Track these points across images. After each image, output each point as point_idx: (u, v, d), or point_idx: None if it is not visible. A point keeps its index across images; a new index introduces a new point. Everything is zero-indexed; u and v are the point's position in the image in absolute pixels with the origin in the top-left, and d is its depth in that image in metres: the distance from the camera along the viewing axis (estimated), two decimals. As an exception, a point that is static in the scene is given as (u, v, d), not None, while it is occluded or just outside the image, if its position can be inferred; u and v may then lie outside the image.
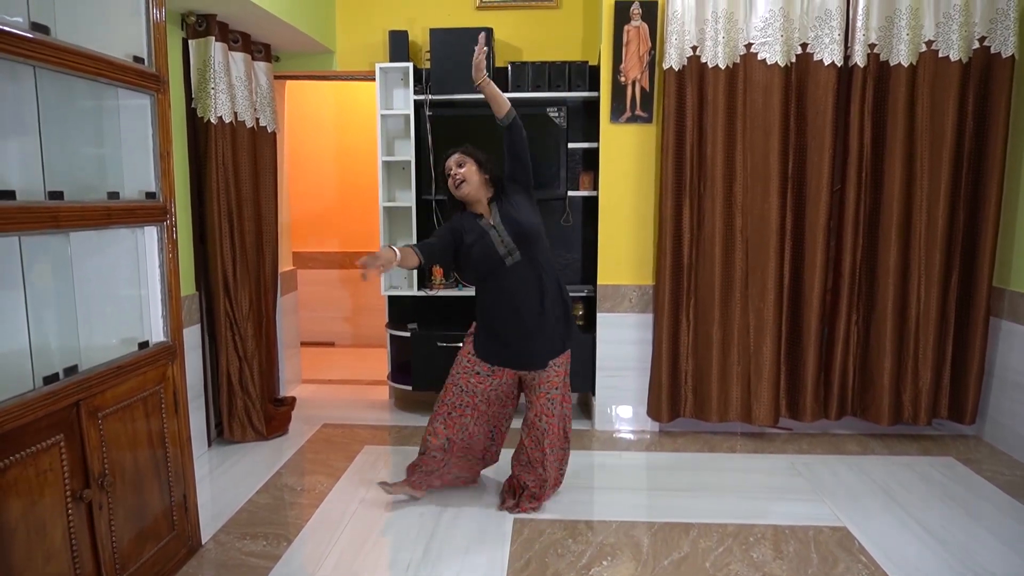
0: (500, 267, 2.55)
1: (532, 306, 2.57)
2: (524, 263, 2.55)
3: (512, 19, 4.05)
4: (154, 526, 2.23)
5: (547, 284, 2.59)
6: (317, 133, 5.67)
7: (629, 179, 3.60)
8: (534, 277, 2.57)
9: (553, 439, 2.74)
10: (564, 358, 2.70)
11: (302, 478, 3.18)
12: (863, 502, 2.89)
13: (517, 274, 2.55)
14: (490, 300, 2.63)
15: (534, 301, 2.57)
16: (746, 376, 3.54)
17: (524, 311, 2.56)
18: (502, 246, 2.54)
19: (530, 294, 2.56)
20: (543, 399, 2.70)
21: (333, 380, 4.85)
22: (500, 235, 2.55)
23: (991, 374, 3.48)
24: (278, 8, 3.29)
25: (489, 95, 2.56)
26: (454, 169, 2.60)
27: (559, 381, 2.70)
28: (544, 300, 2.58)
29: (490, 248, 2.54)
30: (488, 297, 2.64)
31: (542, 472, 2.76)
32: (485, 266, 2.57)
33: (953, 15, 3.22)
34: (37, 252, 1.94)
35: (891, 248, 3.38)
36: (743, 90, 3.37)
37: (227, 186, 3.36)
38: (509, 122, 2.58)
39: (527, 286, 2.56)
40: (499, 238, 2.54)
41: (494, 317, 2.63)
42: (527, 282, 2.56)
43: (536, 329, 2.58)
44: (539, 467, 2.76)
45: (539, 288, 2.57)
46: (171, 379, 2.33)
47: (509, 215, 2.56)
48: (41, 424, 1.74)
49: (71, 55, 1.84)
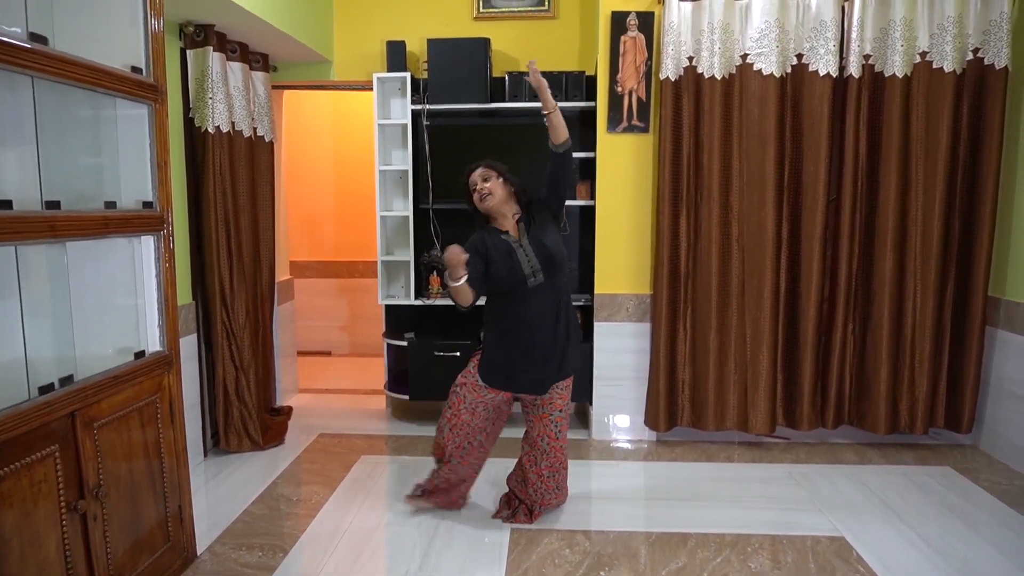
0: (522, 286, 2.51)
1: (547, 329, 2.54)
2: (545, 286, 2.52)
3: (509, 29, 4.07)
4: (149, 537, 2.22)
5: (562, 310, 2.58)
6: (315, 143, 5.68)
7: (626, 188, 3.61)
8: (552, 301, 2.54)
9: (553, 461, 2.72)
10: (568, 382, 2.69)
11: (298, 488, 3.16)
12: (861, 512, 2.89)
13: (537, 296, 2.52)
14: (505, 320, 2.58)
15: (549, 325, 2.54)
16: (743, 385, 3.54)
17: (537, 333, 2.53)
18: (528, 266, 2.50)
19: (546, 318, 2.54)
20: (545, 420, 2.68)
21: (330, 389, 4.84)
22: (527, 254, 2.52)
23: (987, 383, 3.48)
24: (276, 19, 3.31)
25: (555, 124, 2.53)
26: (479, 183, 2.56)
27: (562, 404, 2.69)
28: (558, 326, 2.56)
29: (516, 266, 2.50)
30: (503, 316, 2.59)
31: (537, 489, 2.75)
32: (508, 284, 2.52)
33: (947, 27, 3.25)
34: (34, 261, 1.94)
35: (887, 257, 3.40)
36: (739, 100, 3.39)
37: (224, 195, 3.36)
38: (563, 150, 2.56)
39: (544, 309, 2.53)
40: (526, 257, 2.51)
41: (506, 337, 2.58)
42: (544, 305, 2.53)
43: (547, 353, 2.55)
44: (533, 486, 2.75)
45: (555, 313, 2.55)
46: (167, 389, 2.32)
47: (537, 237, 2.54)
48: (36, 435, 1.73)
49: (69, 65, 1.84)
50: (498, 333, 2.61)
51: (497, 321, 2.62)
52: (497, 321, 2.62)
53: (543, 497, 2.77)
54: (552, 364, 2.57)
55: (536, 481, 2.74)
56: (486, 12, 4.06)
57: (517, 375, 2.58)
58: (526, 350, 2.54)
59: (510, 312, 2.56)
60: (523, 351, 2.55)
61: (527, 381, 2.59)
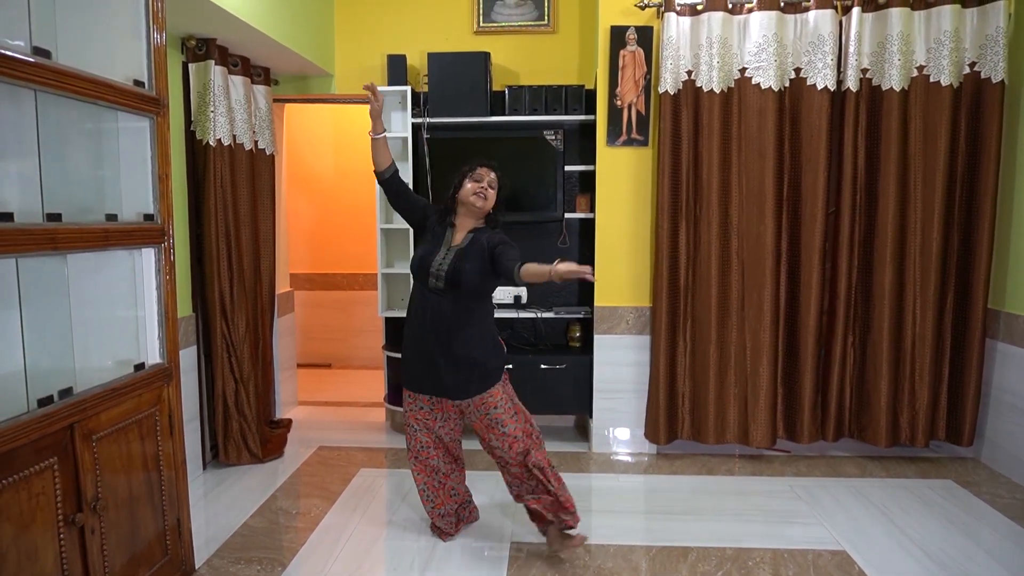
0: (425, 282, 2.53)
1: (439, 334, 2.49)
2: (446, 294, 2.49)
3: (509, 44, 4.10)
4: (147, 550, 2.21)
5: (456, 327, 2.48)
6: (315, 156, 5.70)
7: (626, 201, 3.62)
8: (450, 312, 2.48)
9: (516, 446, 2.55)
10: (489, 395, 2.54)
11: (297, 501, 3.15)
12: (862, 525, 2.88)
13: (436, 299, 2.50)
14: (412, 305, 2.61)
15: (441, 331, 2.49)
16: (743, 398, 3.53)
17: (429, 332, 2.50)
18: (436, 267, 2.50)
19: (439, 324, 2.49)
20: (484, 421, 2.56)
21: (329, 402, 4.83)
22: (443, 260, 2.50)
23: (988, 396, 3.47)
24: (278, 32, 3.33)
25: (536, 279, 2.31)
26: (485, 183, 2.54)
27: (495, 401, 2.54)
28: (451, 337, 2.48)
29: (428, 258, 2.52)
30: (412, 301, 2.62)
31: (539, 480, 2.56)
32: (417, 267, 2.55)
33: (944, 41, 3.27)
34: (34, 273, 1.95)
35: (886, 270, 3.40)
36: (738, 114, 3.41)
37: (225, 208, 3.37)
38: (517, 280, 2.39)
39: (438, 314, 2.49)
40: (440, 260, 2.51)
41: (409, 324, 2.62)
42: (440, 311, 2.49)
43: (439, 356, 2.49)
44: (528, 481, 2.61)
45: (447, 325, 2.48)
46: (167, 401, 2.31)
47: (464, 257, 2.48)
48: (35, 447, 1.72)
49: (72, 79, 1.86)
50: (408, 323, 2.64)
51: (409, 311, 2.64)
52: (409, 311, 2.64)
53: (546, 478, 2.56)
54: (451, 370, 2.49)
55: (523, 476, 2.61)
56: (486, 26, 4.09)
57: (422, 375, 2.56)
58: (420, 343, 2.54)
59: (415, 303, 2.59)
60: (418, 344, 2.55)
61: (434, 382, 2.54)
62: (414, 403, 2.66)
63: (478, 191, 2.53)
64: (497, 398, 2.55)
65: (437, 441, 2.70)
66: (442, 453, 2.73)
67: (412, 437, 2.70)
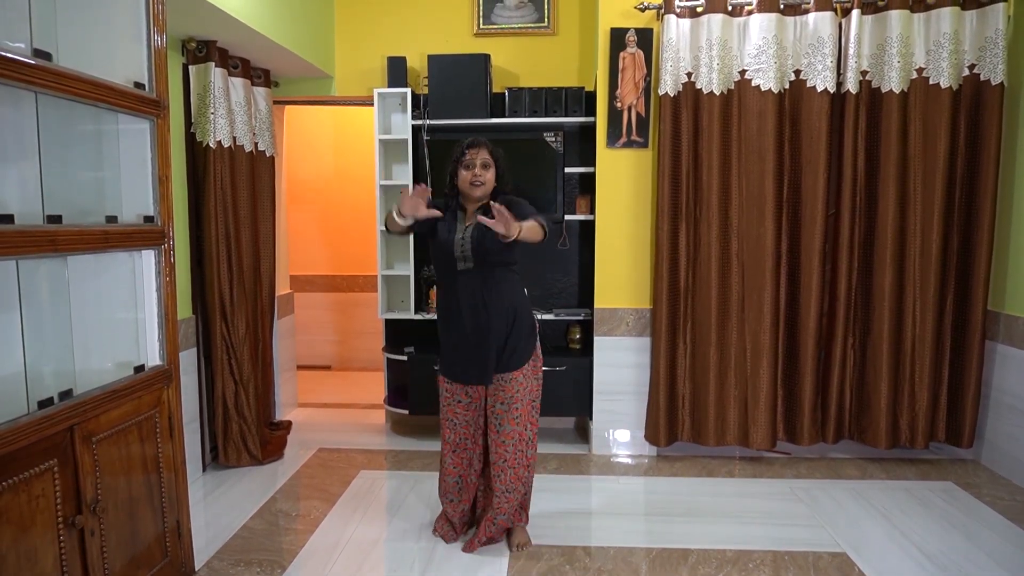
0: (452, 269, 2.53)
1: (480, 315, 2.50)
2: (476, 273, 2.50)
3: (509, 45, 4.10)
4: (147, 552, 2.20)
5: (493, 297, 2.49)
6: (315, 157, 5.70)
7: (626, 203, 3.62)
8: (482, 287, 2.50)
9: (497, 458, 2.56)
10: (515, 374, 2.54)
11: (297, 503, 3.15)
12: (863, 527, 2.87)
13: (467, 279, 2.51)
14: (442, 301, 2.62)
15: (482, 311, 2.50)
16: (743, 400, 3.53)
17: (469, 318, 2.50)
18: (459, 250, 2.50)
19: (478, 303, 2.50)
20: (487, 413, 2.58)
21: (329, 404, 4.83)
22: (464, 239, 2.51)
23: (988, 397, 3.47)
24: (278, 35, 3.34)
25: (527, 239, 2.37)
26: (478, 169, 2.51)
27: (505, 396, 2.54)
28: (492, 313, 2.49)
29: (449, 244, 2.52)
30: (441, 300, 2.63)
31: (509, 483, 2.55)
32: (441, 255, 2.55)
33: (943, 43, 3.27)
34: (35, 275, 1.95)
35: (886, 272, 3.40)
36: (738, 115, 3.41)
37: (225, 210, 3.37)
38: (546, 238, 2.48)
39: (475, 294, 2.50)
40: (461, 240, 2.51)
41: (442, 319, 2.62)
42: (472, 288, 2.50)
43: (479, 340, 2.50)
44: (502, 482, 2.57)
45: (490, 300, 2.49)
46: (166, 403, 2.31)
47: (483, 231, 2.44)
48: (34, 449, 1.72)
49: (72, 81, 1.86)
50: (441, 319, 2.64)
51: (440, 307, 2.64)
52: (440, 307, 2.64)
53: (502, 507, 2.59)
54: (488, 352, 2.50)
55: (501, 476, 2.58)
56: (486, 28, 4.09)
57: (460, 362, 2.57)
58: (459, 333, 2.54)
59: (445, 296, 2.59)
60: (456, 334, 2.55)
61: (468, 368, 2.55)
62: (451, 396, 2.65)
63: (472, 180, 2.52)
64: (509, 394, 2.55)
65: (476, 435, 2.68)
66: (480, 450, 2.70)
67: (452, 431, 2.66)
